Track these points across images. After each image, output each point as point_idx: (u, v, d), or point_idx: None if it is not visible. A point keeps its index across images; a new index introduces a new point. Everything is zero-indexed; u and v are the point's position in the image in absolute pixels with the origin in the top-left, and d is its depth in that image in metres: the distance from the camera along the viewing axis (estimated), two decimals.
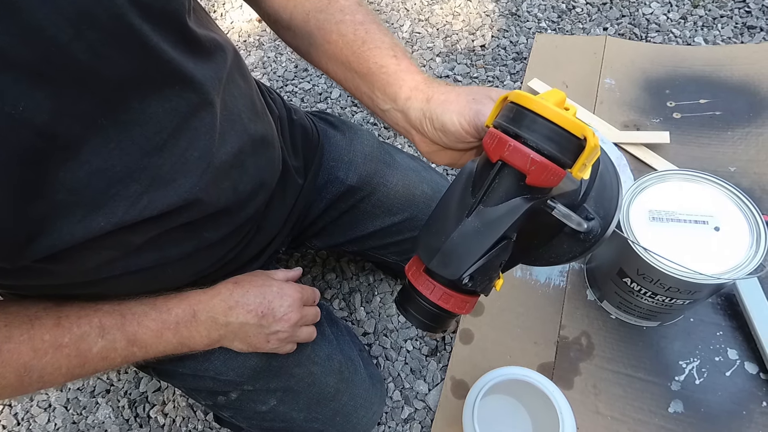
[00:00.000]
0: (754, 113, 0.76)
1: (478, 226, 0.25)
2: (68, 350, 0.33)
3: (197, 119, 0.33)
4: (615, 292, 0.58)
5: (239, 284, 0.42)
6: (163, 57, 0.30)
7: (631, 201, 0.52)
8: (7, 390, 0.32)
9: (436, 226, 0.28)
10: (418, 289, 0.28)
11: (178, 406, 0.67)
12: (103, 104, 0.27)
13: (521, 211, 0.25)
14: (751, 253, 0.47)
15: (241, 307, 0.40)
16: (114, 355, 0.36)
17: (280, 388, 0.49)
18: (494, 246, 0.25)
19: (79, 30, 0.25)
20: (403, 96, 0.35)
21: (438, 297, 0.27)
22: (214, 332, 0.40)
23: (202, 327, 0.39)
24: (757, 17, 0.92)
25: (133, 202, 0.31)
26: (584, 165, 0.25)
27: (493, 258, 0.26)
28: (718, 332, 0.59)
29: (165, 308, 0.38)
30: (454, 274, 0.25)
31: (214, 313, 0.40)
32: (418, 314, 0.28)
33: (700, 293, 0.49)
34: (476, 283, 0.26)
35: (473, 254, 0.25)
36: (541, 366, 0.60)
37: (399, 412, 0.62)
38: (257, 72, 1.08)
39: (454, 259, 0.25)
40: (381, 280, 0.74)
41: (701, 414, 0.55)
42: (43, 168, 0.26)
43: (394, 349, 0.67)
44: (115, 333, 0.35)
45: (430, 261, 0.26)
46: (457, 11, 1.09)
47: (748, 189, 0.69)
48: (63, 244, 0.29)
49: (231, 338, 0.41)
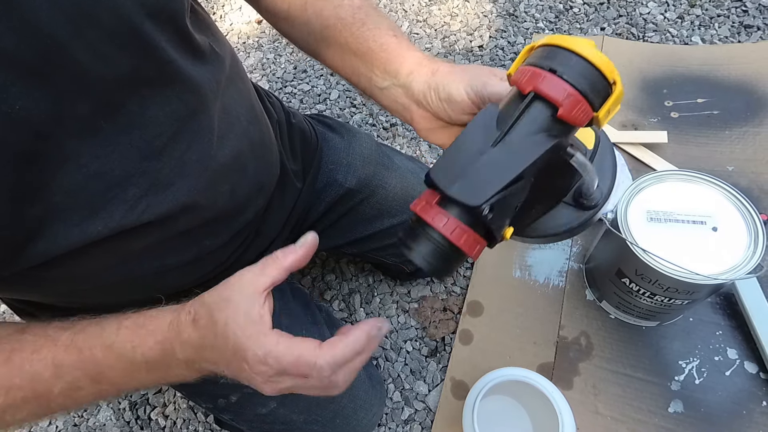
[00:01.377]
0: (752, 112, 0.77)
1: (504, 156, 0.25)
2: (23, 393, 0.29)
3: (196, 122, 0.33)
4: (614, 292, 0.58)
5: (202, 332, 0.30)
6: (163, 57, 0.29)
7: (629, 201, 0.52)
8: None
9: (456, 157, 0.26)
10: (430, 222, 0.25)
11: (179, 408, 0.67)
12: (102, 106, 0.27)
13: (548, 146, 0.25)
14: (749, 253, 0.47)
15: (208, 362, 0.30)
16: (81, 394, 0.31)
17: None
18: (518, 179, 0.24)
19: (78, 28, 0.24)
20: (406, 71, 0.35)
21: (451, 231, 0.25)
22: (195, 372, 0.31)
23: (177, 368, 0.31)
24: (754, 16, 0.92)
25: (131, 206, 0.30)
26: (608, 112, 0.25)
27: (513, 194, 0.25)
28: (718, 332, 0.60)
29: (129, 346, 0.30)
30: (477, 199, 0.24)
31: (185, 355, 0.30)
32: (425, 253, 0.25)
33: (698, 293, 0.50)
34: (494, 217, 0.25)
35: (497, 182, 0.24)
36: (541, 366, 0.61)
37: (399, 413, 0.62)
38: (256, 73, 1.08)
39: (478, 185, 0.24)
40: (380, 281, 0.74)
41: (701, 414, 0.55)
42: (40, 170, 0.26)
43: (393, 350, 0.67)
44: (73, 372, 0.30)
45: (450, 187, 0.25)
46: (455, 12, 1.09)
47: (746, 188, 0.69)
48: (59, 249, 0.28)
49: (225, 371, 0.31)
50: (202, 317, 0.29)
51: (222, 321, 0.28)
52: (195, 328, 0.29)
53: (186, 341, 0.29)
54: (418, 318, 0.70)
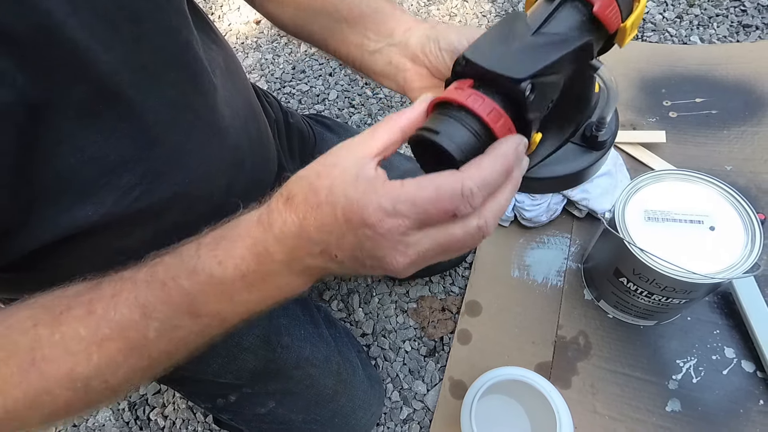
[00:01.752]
0: (750, 112, 0.77)
1: (542, 42, 0.25)
2: (116, 345, 0.25)
3: (194, 113, 0.33)
4: (612, 291, 0.58)
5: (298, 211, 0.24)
6: (161, 45, 0.29)
7: (627, 201, 0.52)
8: (73, 410, 0.26)
9: (491, 44, 0.25)
10: (463, 102, 0.22)
11: (177, 408, 0.67)
12: (100, 91, 0.26)
13: (584, 39, 0.25)
14: (746, 252, 0.47)
15: (313, 254, 0.24)
16: (181, 334, 0.26)
17: (278, 390, 0.49)
18: (556, 66, 0.24)
19: (74, 7, 0.24)
20: (402, 29, 0.34)
21: (487, 112, 0.22)
22: (302, 276, 0.25)
23: (279, 277, 0.25)
24: (753, 16, 0.92)
25: (124, 192, 0.29)
26: (633, 26, 0.26)
27: (550, 85, 0.24)
28: (715, 331, 0.60)
29: (214, 263, 0.25)
30: (522, 72, 0.22)
31: (284, 252, 0.24)
32: (454, 136, 0.22)
33: (696, 292, 0.50)
34: (533, 100, 0.23)
35: (540, 60, 0.23)
36: (539, 366, 0.61)
37: (398, 413, 0.62)
38: (255, 74, 1.08)
39: (521, 60, 0.23)
40: (379, 282, 0.74)
41: (699, 413, 0.55)
42: (34, 152, 0.25)
43: (392, 349, 0.68)
44: (163, 309, 0.25)
45: (491, 63, 0.23)
46: (454, 12, 1.09)
47: (744, 188, 0.69)
48: (47, 235, 0.27)
49: (339, 267, 0.24)
50: (298, 193, 0.23)
51: (325, 187, 0.22)
52: (290, 209, 0.23)
53: (281, 233, 0.23)
54: (417, 318, 0.70)
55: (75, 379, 0.24)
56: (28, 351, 0.24)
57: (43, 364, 0.24)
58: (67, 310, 0.25)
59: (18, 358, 0.24)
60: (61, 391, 0.25)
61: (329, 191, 0.22)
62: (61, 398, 0.25)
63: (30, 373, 0.24)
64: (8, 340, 0.25)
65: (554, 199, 0.69)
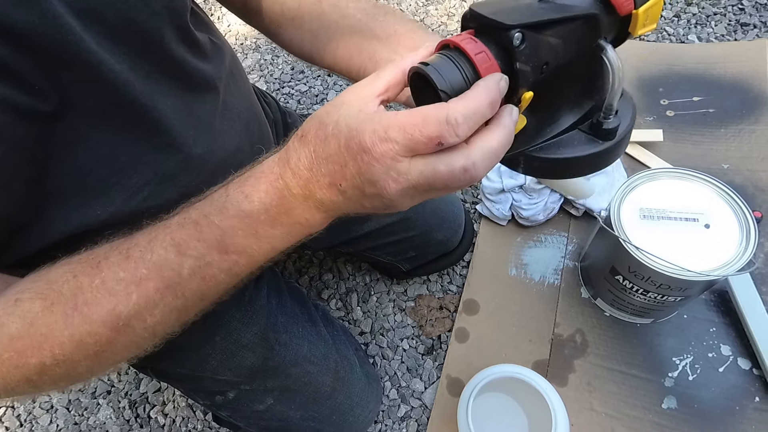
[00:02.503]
0: (747, 110, 0.77)
1: (546, 7, 0.25)
2: (153, 283, 0.26)
3: (199, 118, 0.34)
4: (608, 289, 0.58)
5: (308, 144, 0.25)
6: (168, 53, 0.30)
7: (622, 200, 0.53)
8: (116, 350, 0.27)
9: (499, 1, 0.26)
10: (457, 43, 0.24)
11: (177, 406, 0.68)
12: (113, 97, 0.28)
13: (590, 10, 0.25)
14: (741, 250, 0.48)
15: (323, 185, 0.25)
16: (212, 272, 0.27)
17: (277, 388, 0.50)
18: (556, 21, 0.24)
19: (85, 22, 0.25)
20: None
21: (476, 52, 0.23)
22: (317, 211, 0.26)
23: (298, 210, 0.26)
24: (751, 14, 0.92)
25: (133, 192, 0.31)
26: (646, 16, 0.26)
27: (545, 45, 0.24)
28: (711, 328, 0.60)
29: (242, 197, 0.26)
30: (510, 19, 0.23)
31: (300, 185, 0.25)
32: (443, 70, 0.23)
33: (691, 290, 0.50)
34: (522, 51, 0.23)
35: (534, 15, 0.24)
36: (536, 363, 0.61)
37: (395, 411, 0.63)
38: (254, 74, 1.09)
39: (515, 12, 0.24)
40: (377, 280, 0.74)
41: (695, 410, 0.55)
42: (50, 150, 0.26)
43: (390, 348, 0.68)
44: (197, 246, 0.26)
45: (489, 11, 0.24)
46: (452, 12, 1.10)
47: (741, 186, 0.70)
48: (56, 233, 0.28)
49: (351, 201, 0.25)
50: (310, 130, 0.24)
51: (332, 122, 0.23)
52: (303, 144, 0.25)
53: (296, 166, 0.25)
54: (415, 316, 0.70)
55: (117, 317, 0.26)
56: (70, 297, 0.26)
57: (86, 308, 0.25)
58: (105, 259, 0.27)
59: (61, 305, 0.25)
60: (105, 330, 0.26)
61: (335, 125, 0.23)
62: (104, 338, 0.26)
63: (73, 318, 0.25)
64: (51, 289, 0.26)
65: (551, 198, 0.70)
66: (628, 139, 0.31)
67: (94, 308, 0.26)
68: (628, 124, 0.30)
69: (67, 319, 0.25)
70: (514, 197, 0.70)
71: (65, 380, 0.27)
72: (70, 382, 0.28)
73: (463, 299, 0.68)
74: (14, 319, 0.25)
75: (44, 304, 0.25)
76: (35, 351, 0.25)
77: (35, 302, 0.25)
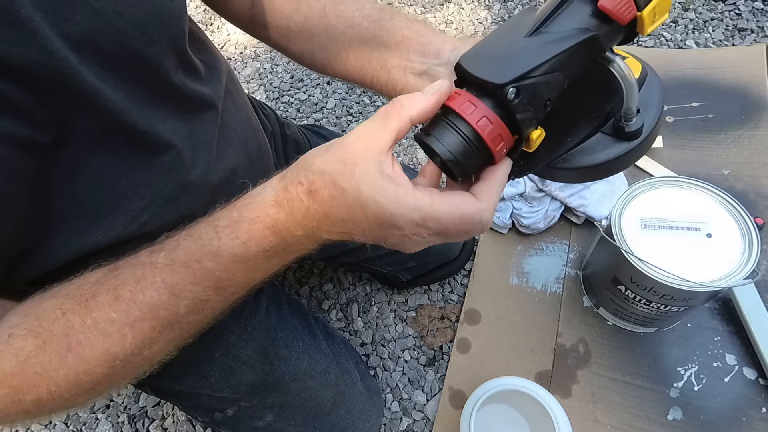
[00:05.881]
0: (747, 115, 0.77)
1: (538, 44, 0.24)
2: (149, 324, 0.26)
3: (198, 139, 0.34)
4: (611, 299, 0.58)
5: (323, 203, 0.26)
6: (167, 79, 0.31)
7: (623, 209, 0.52)
8: (114, 382, 0.27)
9: (487, 47, 0.25)
10: (456, 109, 0.24)
11: (177, 421, 0.67)
12: (112, 125, 0.28)
13: (585, 36, 0.24)
14: (744, 259, 0.47)
15: (334, 233, 0.27)
16: (210, 305, 0.28)
17: (276, 404, 0.49)
18: (550, 68, 0.23)
19: (82, 54, 0.25)
20: (449, 48, 0.35)
21: (477, 119, 0.24)
22: (316, 243, 0.28)
23: (297, 245, 0.27)
24: (748, 20, 0.92)
25: (134, 216, 0.31)
26: (653, 13, 0.25)
27: (544, 85, 0.24)
28: (716, 337, 0.59)
29: (237, 243, 0.26)
30: (502, 78, 0.23)
31: (305, 230, 0.26)
32: (448, 142, 0.24)
33: (694, 300, 0.49)
34: (521, 104, 0.23)
35: (525, 64, 0.23)
36: (539, 374, 0.60)
37: (397, 424, 0.62)
38: (254, 83, 1.09)
39: (505, 64, 0.24)
40: (378, 290, 0.74)
41: (701, 421, 0.54)
42: (49, 177, 0.26)
43: (391, 359, 0.67)
44: (192, 288, 0.27)
45: (476, 69, 0.24)
46: (450, 19, 1.10)
47: (742, 192, 0.69)
48: (58, 259, 0.29)
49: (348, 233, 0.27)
50: (322, 187, 0.24)
51: (353, 189, 0.24)
52: (314, 200, 0.25)
53: (304, 218, 0.25)
54: (416, 327, 0.70)
55: (114, 357, 0.26)
56: (62, 338, 0.26)
57: (80, 348, 0.26)
58: (93, 298, 0.26)
59: (54, 344, 0.25)
60: (101, 369, 0.26)
61: (358, 194, 0.24)
62: (101, 376, 0.26)
63: (68, 358, 0.25)
64: (41, 327, 0.26)
65: (552, 206, 0.69)
66: (657, 132, 0.30)
67: (88, 349, 0.26)
68: (653, 118, 0.29)
69: (62, 360, 0.25)
70: (515, 205, 0.69)
71: (63, 410, 0.28)
72: (69, 411, 0.29)
73: (465, 309, 0.68)
74: (8, 357, 0.25)
75: (36, 342, 0.25)
76: (31, 388, 0.25)
77: (27, 340, 0.25)
